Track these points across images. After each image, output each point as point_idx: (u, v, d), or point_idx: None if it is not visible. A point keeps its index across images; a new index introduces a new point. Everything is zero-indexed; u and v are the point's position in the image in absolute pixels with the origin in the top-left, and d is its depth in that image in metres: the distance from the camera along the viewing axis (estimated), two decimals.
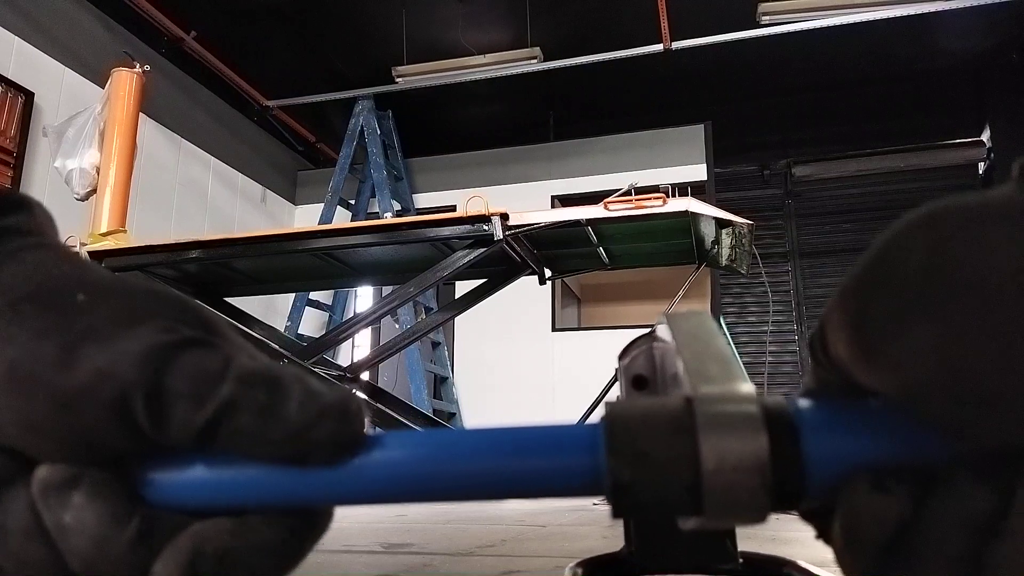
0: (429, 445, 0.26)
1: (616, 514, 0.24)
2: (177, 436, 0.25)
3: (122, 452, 0.26)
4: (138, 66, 4.04)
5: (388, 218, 6.00)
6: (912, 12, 5.65)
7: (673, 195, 3.10)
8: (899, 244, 0.22)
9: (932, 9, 5.66)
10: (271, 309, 6.68)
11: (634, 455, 0.23)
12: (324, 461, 0.25)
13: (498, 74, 6.56)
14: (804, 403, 0.24)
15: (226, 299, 4.00)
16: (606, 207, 3.07)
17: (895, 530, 0.22)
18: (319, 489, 0.25)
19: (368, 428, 0.26)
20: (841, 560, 0.23)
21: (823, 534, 0.25)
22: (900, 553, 0.22)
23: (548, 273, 3.84)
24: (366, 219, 7.09)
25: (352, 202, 7.35)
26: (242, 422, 0.24)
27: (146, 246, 3.53)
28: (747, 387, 0.23)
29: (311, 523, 0.26)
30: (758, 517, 0.22)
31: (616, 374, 0.46)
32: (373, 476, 0.25)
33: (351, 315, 6.69)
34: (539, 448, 0.25)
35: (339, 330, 3.79)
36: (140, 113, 4.04)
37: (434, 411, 6.29)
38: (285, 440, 0.24)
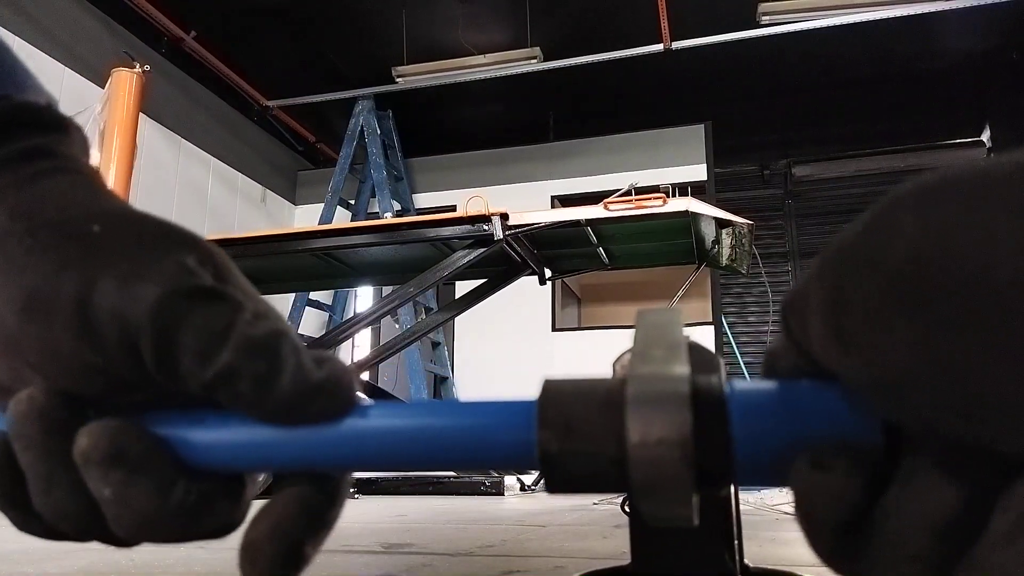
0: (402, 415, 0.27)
1: (549, 488, 0.26)
2: (184, 386, 0.26)
3: (137, 386, 0.27)
4: (138, 66, 4.04)
5: (388, 218, 6.00)
6: (912, 12, 5.65)
7: (673, 195, 3.11)
8: (887, 224, 0.19)
9: (932, 9, 5.66)
10: None
11: (563, 427, 0.24)
12: (313, 427, 0.27)
13: (498, 74, 6.56)
14: (740, 384, 0.24)
15: None
16: (606, 207, 3.07)
17: (846, 513, 0.20)
18: (328, 454, 0.27)
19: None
20: (806, 540, 0.22)
21: None
22: (857, 541, 0.21)
23: (548, 273, 3.84)
24: (366, 219, 7.09)
25: (352, 202, 7.35)
26: (240, 388, 0.25)
27: None
28: (681, 368, 0.24)
29: (339, 489, 0.28)
30: (682, 495, 0.23)
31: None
32: (363, 445, 0.27)
33: (351, 315, 6.69)
34: (481, 421, 0.26)
35: (339, 330, 3.79)
36: (140, 113, 4.05)
37: None
38: (278, 411, 0.26)
